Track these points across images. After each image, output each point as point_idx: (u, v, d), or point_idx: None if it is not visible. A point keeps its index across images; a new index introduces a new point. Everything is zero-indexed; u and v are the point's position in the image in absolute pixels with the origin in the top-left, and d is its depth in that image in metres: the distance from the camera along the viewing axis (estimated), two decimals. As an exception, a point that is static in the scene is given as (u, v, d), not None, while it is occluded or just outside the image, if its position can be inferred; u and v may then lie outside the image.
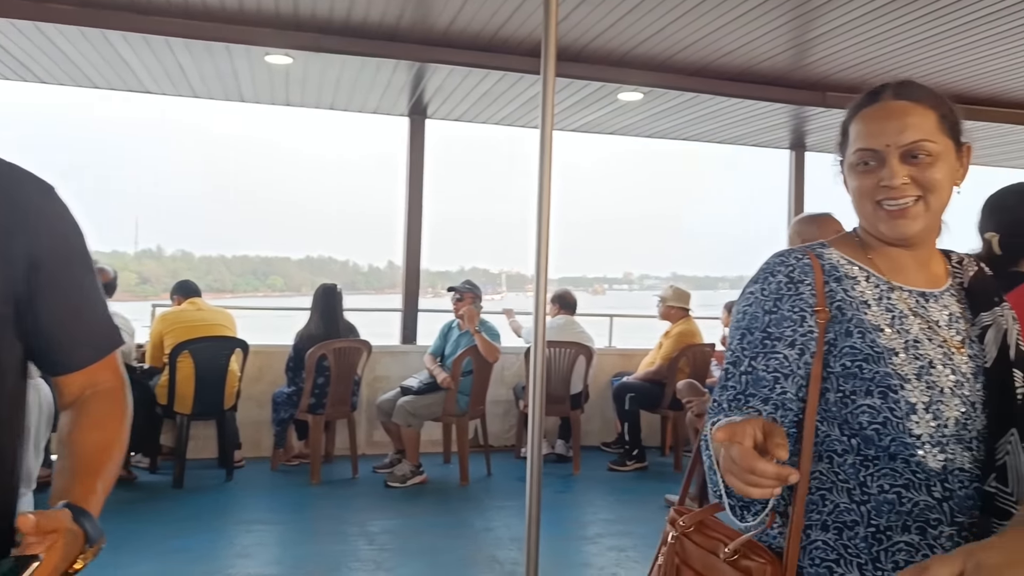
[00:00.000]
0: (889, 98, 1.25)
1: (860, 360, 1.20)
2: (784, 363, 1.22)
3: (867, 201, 1.26)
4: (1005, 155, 7.36)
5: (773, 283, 1.28)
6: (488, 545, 4.32)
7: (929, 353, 1.22)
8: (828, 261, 1.30)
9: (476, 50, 5.00)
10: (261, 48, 4.89)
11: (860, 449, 1.20)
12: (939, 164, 1.22)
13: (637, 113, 6.16)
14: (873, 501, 1.18)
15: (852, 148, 1.27)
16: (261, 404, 6.02)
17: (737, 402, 1.22)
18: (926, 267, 1.32)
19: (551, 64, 3.08)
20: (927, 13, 4.29)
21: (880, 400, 1.18)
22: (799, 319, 1.24)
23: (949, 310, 1.30)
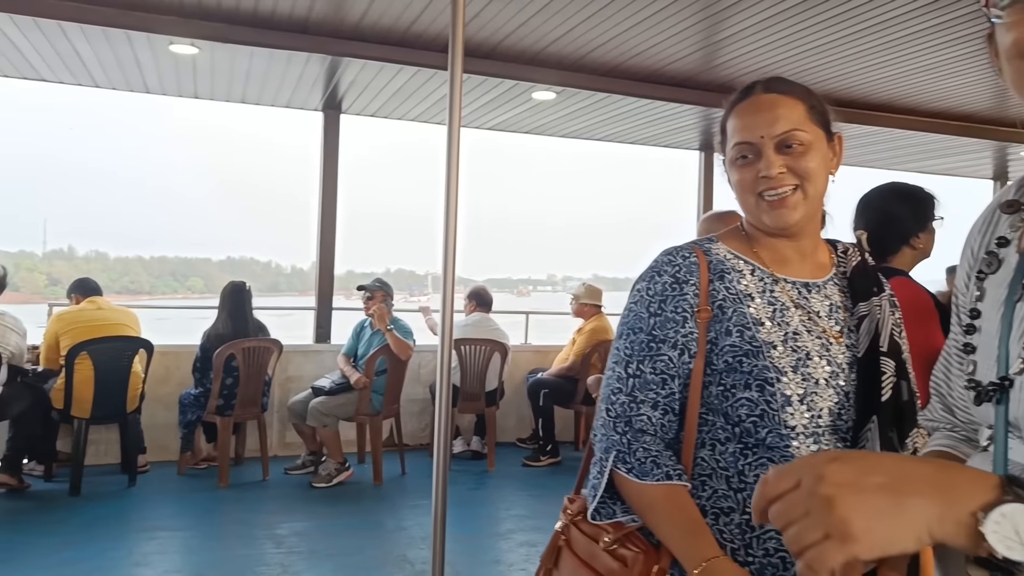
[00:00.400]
0: (760, 92, 1.30)
1: (740, 355, 1.24)
2: (670, 364, 1.27)
3: (749, 194, 1.30)
4: (897, 159, 7.74)
5: (659, 283, 1.31)
6: (400, 545, 4.29)
7: (807, 345, 1.27)
8: (715, 256, 1.34)
9: (389, 45, 4.95)
10: (164, 37, 4.72)
11: (741, 438, 1.24)
12: (812, 153, 1.27)
13: (551, 113, 6.21)
14: (749, 489, 1.21)
15: (731, 143, 1.32)
16: (168, 406, 5.82)
17: (631, 408, 1.26)
18: (810, 257, 1.36)
19: (458, 60, 3.06)
20: (824, 20, 4.46)
21: (758, 393, 1.22)
22: (682, 320, 1.28)
23: (831, 300, 1.34)
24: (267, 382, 5.61)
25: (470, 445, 6.28)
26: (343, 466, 5.40)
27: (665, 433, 1.27)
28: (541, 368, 6.59)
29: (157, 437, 5.80)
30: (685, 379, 1.27)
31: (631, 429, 1.26)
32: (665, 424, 1.27)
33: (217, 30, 4.67)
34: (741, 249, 1.36)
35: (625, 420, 1.26)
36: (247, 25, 4.69)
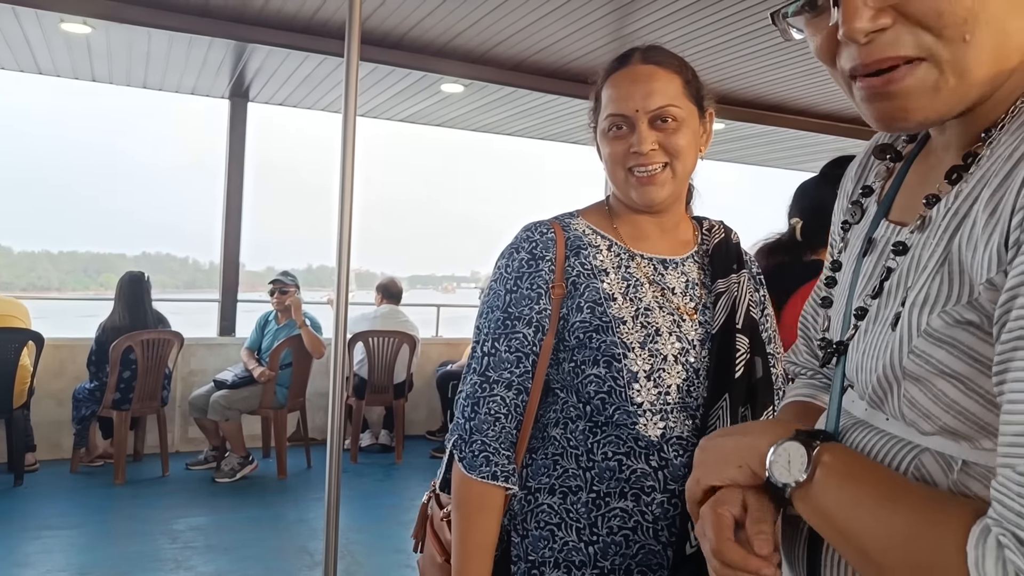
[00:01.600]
0: (637, 62, 1.28)
1: (591, 331, 1.24)
2: (524, 342, 1.27)
3: (619, 167, 1.29)
4: (792, 158, 8.07)
5: (516, 260, 1.30)
6: (300, 536, 4.24)
7: (658, 321, 1.26)
8: (574, 232, 1.33)
9: (294, 31, 4.88)
10: (55, 14, 4.53)
11: (591, 416, 1.24)
12: (684, 130, 1.27)
13: (461, 106, 6.23)
14: (597, 468, 1.23)
15: (604, 113, 1.30)
16: (61, 402, 5.59)
17: (483, 388, 1.26)
18: (671, 234, 1.36)
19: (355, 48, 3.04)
20: (722, 19, 4.60)
21: (605, 369, 1.23)
22: (536, 296, 1.27)
23: (688, 277, 1.34)
24: (168, 375, 5.46)
25: (378, 438, 6.25)
26: (246, 460, 5.30)
27: (517, 414, 1.26)
28: (452, 360, 6.60)
29: (49, 434, 5.57)
30: (538, 357, 1.27)
31: (476, 416, 1.25)
32: (519, 404, 1.26)
33: (111, 8, 4.51)
34: (600, 224, 1.35)
35: (474, 403, 1.26)
36: (143, 5, 4.54)
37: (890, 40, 0.63)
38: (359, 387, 5.81)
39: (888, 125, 0.68)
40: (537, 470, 1.28)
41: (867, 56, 0.64)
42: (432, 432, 6.61)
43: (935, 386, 0.64)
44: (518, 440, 1.27)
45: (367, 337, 5.75)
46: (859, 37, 0.64)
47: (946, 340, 0.63)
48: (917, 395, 0.66)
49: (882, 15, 0.63)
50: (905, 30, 0.63)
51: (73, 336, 5.89)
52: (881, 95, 0.65)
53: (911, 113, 0.65)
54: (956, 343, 0.63)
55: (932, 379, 0.64)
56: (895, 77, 0.64)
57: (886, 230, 0.78)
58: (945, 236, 0.66)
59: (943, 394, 0.64)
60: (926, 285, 0.66)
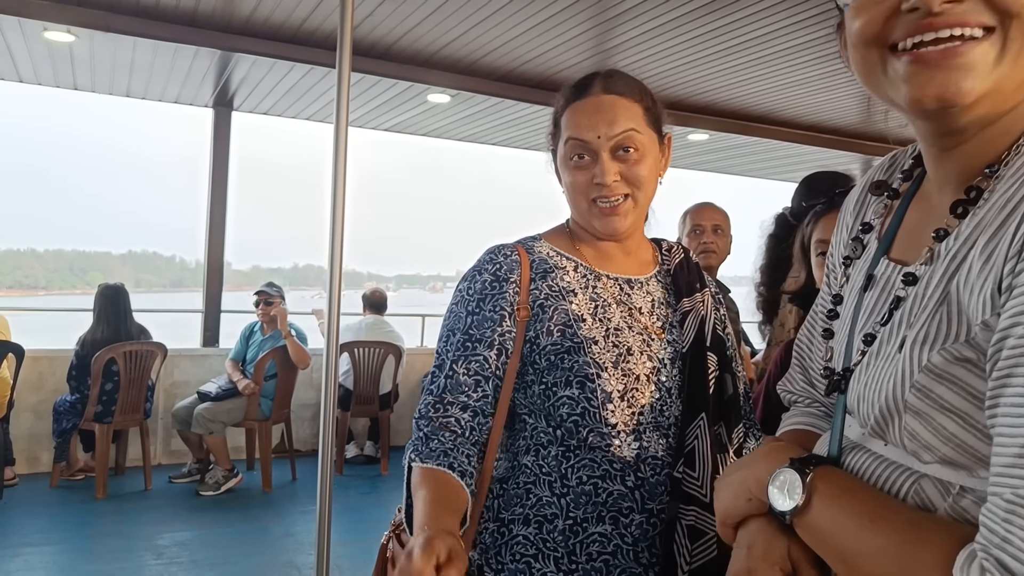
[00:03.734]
0: (599, 92, 1.28)
1: (562, 352, 1.22)
2: (485, 365, 1.23)
3: (581, 198, 1.29)
4: (773, 169, 8.16)
5: (479, 282, 1.28)
6: (287, 551, 4.20)
7: (628, 340, 1.25)
8: (538, 255, 1.32)
9: (280, 41, 4.86)
10: (38, 22, 4.48)
11: (563, 440, 1.21)
12: (646, 159, 1.27)
13: (447, 116, 6.24)
14: (572, 493, 1.20)
15: (564, 138, 1.29)
16: (40, 415, 5.51)
17: (437, 409, 1.21)
18: (633, 255, 1.36)
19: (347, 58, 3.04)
20: (706, 32, 4.65)
21: (578, 390, 1.20)
22: (499, 319, 1.24)
23: (653, 296, 1.34)
24: (150, 387, 5.39)
25: (363, 450, 6.21)
26: (231, 473, 5.25)
27: (473, 435, 1.21)
28: (437, 371, 6.58)
29: (28, 448, 5.48)
30: (501, 380, 1.24)
31: (431, 425, 1.20)
32: (475, 426, 1.21)
33: (96, 18, 4.47)
34: (564, 246, 1.34)
35: (428, 420, 1.20)
36: (129, 14, 4.51)
37: (964, 10, 0.65)
38: (344, 398, 5.78)
39: (934, 100, 0.67)
40: (509, 500, 1.24)
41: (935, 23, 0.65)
42: (418, 443, 6.58)
43: (935, 420, 0.67)
44: (482, 464, 1.21)
45: (352, 348, 5.72)
46: (935, 5, 0.64)
47: (946, 376, 0.66)
48: (917, 428, 0.68)
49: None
50: (979, 6, 0.65)
51: (53, 348, 5.81)
52: (938, 65, 0.66)
53: (963, 91, 0.65)
54: (955, 379, 0.65)
55: (932, 413, 0.67)
56: (959, 50, 0.65)
57: (886, 268, 0.81)
58: (945, 277, 0.69)
59: (943, 428, 0.67)
60: (927, 323, 0.69)
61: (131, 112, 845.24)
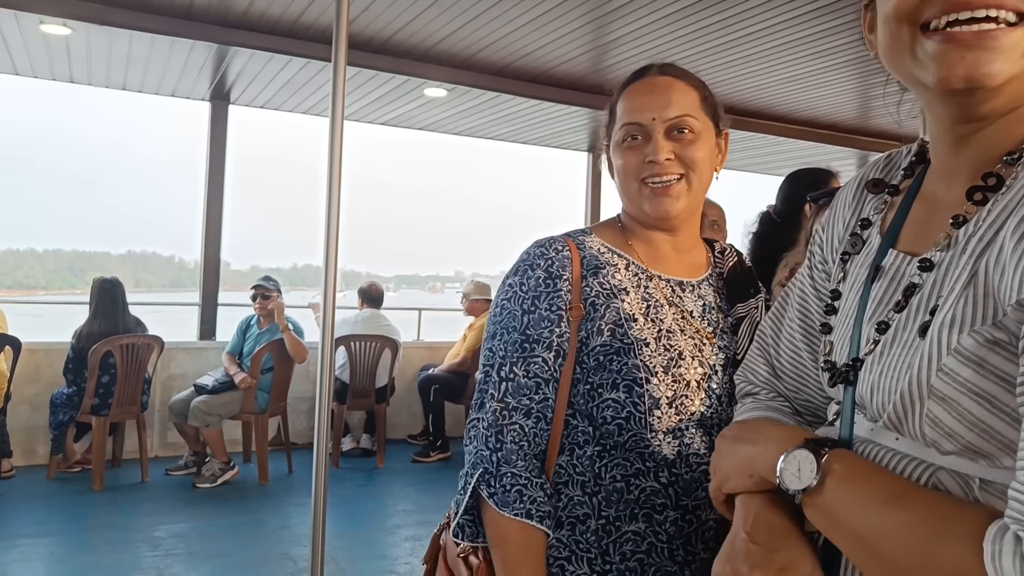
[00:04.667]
0: (655, 74, 1.26)
1: (611, 353, 1.18)
2: (544, 367, 1.19)
3: (632, 180, 1.24)
4: (770, 164, 8.17)
5: (532, 279, 1.22)
6: (283, 543, 4.22)
7: (680, 344, 1.21)
8: (588, 250, 1.26)
9: (277, 35, 4.86)
10: (34, 15, 4.48)
11: (600, 440, 1.18)
12: (700, 143, 1.22)
13: (444, 110, 6.24)
14: (603, 491, 1.17)
15: (618, 125, 1.25)
16: (37, 407, 5.52)
17: (502, 417, 1.17)
18: (686, 255, 1.31)
19: (342, 52, 3.04)
20: (703, 27, 4.66)
21: (625, 394, 1.16)
22: (556, 319, 1.20)
23: (704, 300, 1.28)
24: (147, 380, 5.41)
25: (360, 443, 6.24)
26: (227, 466, 5.27)
27: (537, 444, 1.18)
28: (433, 364, 6.61)
29: (25, 440, 5.49)
30: (558, 383, 1.20)
31: (502, 446, 1.16)
32: (538, 433, 1.18)
33: (92, 11, 4.46)
34: (615, 242, 1.29)
35: (496, 432, 1.17)
36: (125, 7, 4.51)
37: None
38: (340, 391, 5.80)
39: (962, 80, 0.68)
40: None
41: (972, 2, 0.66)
42: (413, 436, 6.60)
43: (961, 405, 0.66)
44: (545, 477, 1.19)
45: (349, 342, 5.74)
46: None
47: (975, 359, 0.65)
48: (941, 414, 0.67)
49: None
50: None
51: (49, 340, 5.82)
52: (969, 45, 0.67)
53: (992, 74, 0.67)
54: (984, 362, 0.64)
55: (959, 398, 0.66)
56: (993, 33, 0.66)
57: (895, 258, 0.80)
58: (972, 259, 0.68)
59: (969, 413, 0.65)
60: (954, 305, 0.68)
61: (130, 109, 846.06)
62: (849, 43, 4.80)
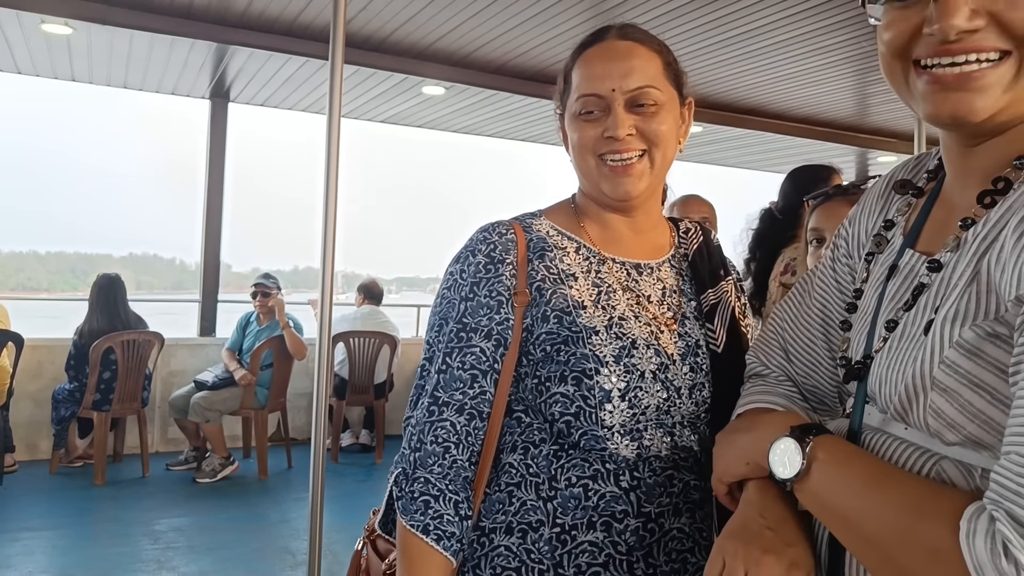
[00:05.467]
0: (614, 38, 1.14)
1: (558, 343, 1.08)
2: (481, 358, 1.10)
3: (589, 155, 1.13)
4: (768, 161, 8.19)
5: (472, 264, 1.13)
6: (282, 537, 4.27)
7: (634, 332, 1.11)
8: (536, 233, 1.17)
9: (275, 34, 4.90)
10: (36, 15, 4.52)
11: (557, 438, 1.09)
12: (664, 115, 1.12)
13: (443, 107, 6.28)
14: (560, 497, 1.07)
15: (574, 95, 1.14)
16: (39, 403, 5.57)
17: (431, 413, 1.09)
18: (646, 236, 1.21)
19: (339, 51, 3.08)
20: (703, 24, 4.67)
21: (574, 387, 1.06)
22: (496, 305, 1.11)
23: (664, 283, 1.19)
24: (148, 376, 5.45)
25: (359, 438, 6.28)
26: (227, 461, 5.31)
27: (469, 444, 1.09)
28: (433, 361, 6.64)
29: (27, 435, 5.54)
30: (496, 376, 1.10)
31: (422, 447, 1.08)
32: (471, 431, 1.09)
33: (93, 10, 4.50)
34: (567, 224, 1.19)
35: (420, 431, 1.09)
36: (126, 7, 4.54)
37: (979, 38, 0.69)
38: (339, 387, 5.84)
39: (948, 118, 0.72)
40: (491, 507, 1.11)
41: (952, 49, 0.69)
42: (413, 432, 6.65)
43: (962, 396, 0.68)
44: (476, 475, 1.10)
45: (348, 338, 5.78)
46: (951, 34, 0.69)
47: (975, 352, 0.67)
48: (943, 405, 0.69)
49: (977, 16, 0.68)
50: (995, 31, 0.69)
51: (51, 336, 5.87)
52: (953, 86, 0.70)
53: (975, 111, 0.70)
54: (984, 355, 0.67)
55: (960, 389, 0.68)
56: (975, 75, 0.69)
57: (911, 258, 0.82)
58: (975, 257, 0.71)
59: (969, 404, 0.68)
60: (957, 300, 0.70)
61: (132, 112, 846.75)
62: (845, 41, 4.83)
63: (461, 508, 1.07)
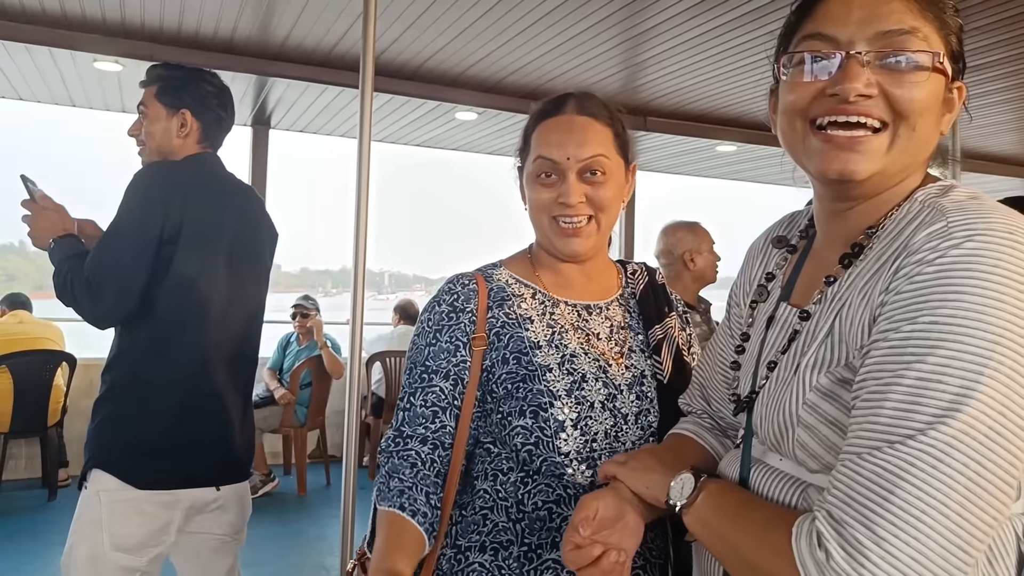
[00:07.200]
0: (572, 112, 1.28)
1: (517, 381, 1.21)
2: (441, 396, 1.23)
3: (544, 215, 1.29)
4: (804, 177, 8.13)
5: (436, 313, 1.28)
6: (318, 553, 4.39)
7: (584, 367, 1.23)
8: (496, 283, 1.32)
9: (312, 65, 5.08)
10: (88, 54, 4.77)
11: (523, 466, 1.21)
12: (611, 182, 1.27)
13: (475, 132, 6.41)
14: (527, 519, 1.19)
15: (533, 155, 1.29)
16: (90, 420, 5.79)
17: (396, 443, 1.22)
18: (594, 280, 1.36)
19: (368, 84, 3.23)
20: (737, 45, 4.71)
21: (532, 420, 1.19)
22: (454, 349, 1.25)
23: (612, 321, 1.32)
24: (192, 395, 5.64)
25: (396, 455, 6.39)
26: (268, 478, 5.47)
27: (433, 467, 1.21)
28: (468, 380, 6.74)
29: (80, 450, 5.75)
30: (457, 412, 1.24)
31: (391, 463, 1.21)
32: (435, 459, 1.21)
33: (141, 48, 4.73)
34: (523, 273, 1.34)
35: (388, 455, 1.23)
36: (172, 44, 4.77)
37: (870, 104, 0.83)
38: (376, 406, 5.97)
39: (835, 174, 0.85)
40: (467, 527, 1.24)
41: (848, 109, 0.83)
42: (449, 450, 6.74)
43: (820, 432, 0.82)
44: (444, 493, 1.22)
45: (384, 357, 5.91)
46: (851, 95, 0.82)
47: (830, 395, 0.81)
48: (807, 439, 0.83)
49: (872, 87, 0.83)
50: (882, 104, 0.83)
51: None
52: (843, 147, 0.84)
53: (859, 171, 0.84)
54: (837, 397, 0.80)
55: (819, 426, 0.82)
56: (862, 139, 0.83)
57: (784, 310, 0.97)
58: (831, 315, 0.85)
59: (827, 438, 0.81)
60: (817, 350, 0.84)
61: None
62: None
63: (432, 498, 1.19)
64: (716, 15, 4.25)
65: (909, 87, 0.82)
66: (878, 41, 0.82)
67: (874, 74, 0.82)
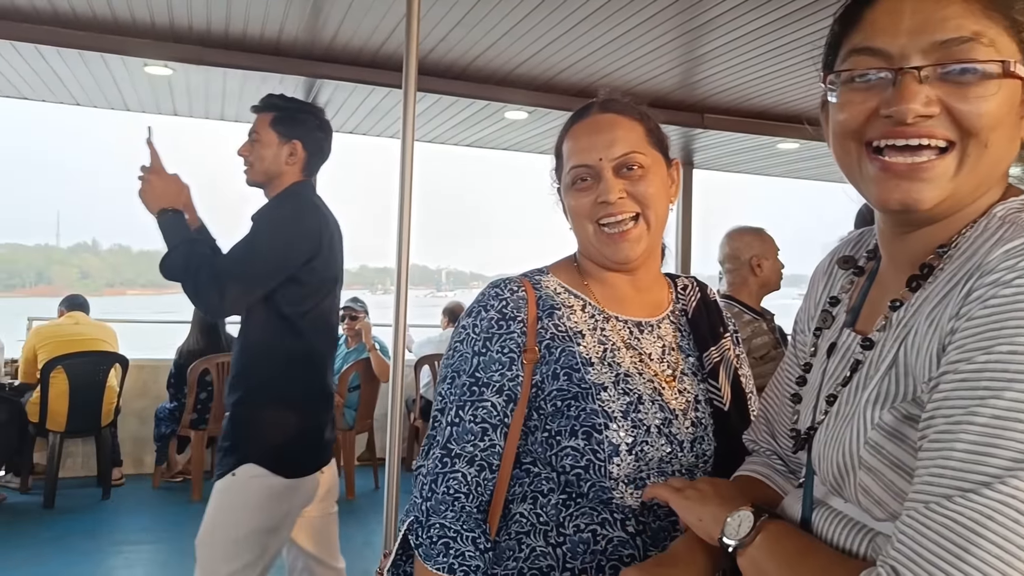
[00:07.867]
0: (597, 112, 1.24)
1: (568, 399, 1.13)
2: (492, 412, 1.14)
3: (587, 222, 1.20)
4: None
5: (484, 319, 1.19)
6: (364, 559, 4.34)
7: (639, 388, 1.15)
8: (545, 291, 1.23)
9: (359, 66, 5.04)
10: (139, 59, 4.82)
11: (565, 488, 1.13)
12: (651, 177, 1.19)
13: (525, 131, 6.30)
14: (569, 543, 1.11)
15: (567, 168, 1.23)
16: (144, 420, 5.89)
17: (442, 464, 1.13)
18: (646, 294, 1.26)
19: (412, 84, 3.18)
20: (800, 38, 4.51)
21: (584, 441, 1.10)
22: (508, 362, 1.15)
23: (664, 341, 1.23)
24: (242, 397, 5.68)
25: (445, 459, 6.33)
26: (316, 480, 5.46)
27: (479, 494, 1.14)
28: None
29: (133, 450, 5.86)
30: (506, 430, 1.15)
31: (434, 495, 1.12)
32: (481, 482, 1.13)
33: (190, 52, 4.76)
34: (572, 282, 1.25)
35: (432, 481, 1.13)
36: (219, 47, 4.78)
37: (932, 124, 0.72)
38: (425, 409, 5.91)
39: (897, 204, 0.75)
40: (500, 554, 1.14)
41: (907, 132, 0.73)
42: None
43: (885, 476, 0.72)
44: (486, 523, 1.14)
45: (433, 360, 5.85)
46: (908, 117, 0.72)
47: (895, 434, 0.71)
48: (870, 483, 0.74)
49: (933, 104, 0.72)
50: (947, 121, 0.72)
51: (155, 357, 6.19)
52: (904, 175, 0.73)
53: (923, 200, 0.73)
54: (903, 437, 0.71)
55: (883, 469, 0.73)
56: (924, 166, 0.73)
57: (847, 337, 0.88)
58: (896, 343, 0.76)
59: (892, 483, 0.72)
60: (879, 383, 0.75)
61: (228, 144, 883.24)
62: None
63: (479, 543, 1.11)
64: (777, 6, 4.06)
65: (976, 101, 0.71)
66: (935, 52, 0.72)
67: (934, 89, 0.72)
